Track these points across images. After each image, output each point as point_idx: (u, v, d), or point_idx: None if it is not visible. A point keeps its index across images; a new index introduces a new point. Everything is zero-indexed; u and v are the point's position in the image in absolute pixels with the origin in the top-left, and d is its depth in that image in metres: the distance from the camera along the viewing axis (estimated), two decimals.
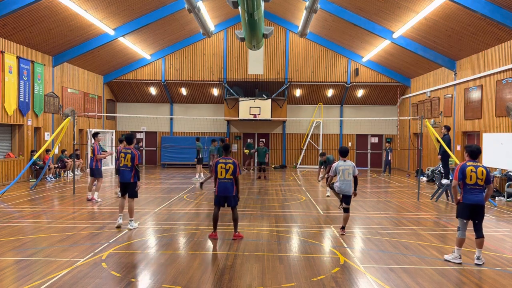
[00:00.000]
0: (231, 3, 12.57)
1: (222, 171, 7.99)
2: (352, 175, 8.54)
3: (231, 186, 8.02)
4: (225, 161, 8.06)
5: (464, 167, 6.85)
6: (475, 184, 6.75)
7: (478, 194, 6.78)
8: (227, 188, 8.00)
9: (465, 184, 6.81)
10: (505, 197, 13.52)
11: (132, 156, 8.74)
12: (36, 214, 10.37)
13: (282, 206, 12.12)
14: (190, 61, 25.51)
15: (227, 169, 7.98)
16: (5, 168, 16.15)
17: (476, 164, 6.89)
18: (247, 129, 26.68)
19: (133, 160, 8.73)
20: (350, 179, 8.52)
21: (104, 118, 24.89)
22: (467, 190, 6.80)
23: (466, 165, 6.88)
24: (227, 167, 7.99)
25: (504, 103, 14.40)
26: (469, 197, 6.77)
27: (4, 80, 15.67)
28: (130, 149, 8.86)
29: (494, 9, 12.88)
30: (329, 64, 25.37)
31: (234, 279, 5.90)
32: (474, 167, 6.82)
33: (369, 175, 22.15)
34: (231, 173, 7.99)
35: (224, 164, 8.02)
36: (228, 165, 8.01)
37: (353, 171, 8.56)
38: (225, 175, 7.98)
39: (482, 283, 5.90)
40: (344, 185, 8.53)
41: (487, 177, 6.79)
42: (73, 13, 15.89)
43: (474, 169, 6.79)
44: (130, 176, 8.77)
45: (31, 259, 6.72)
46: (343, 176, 8.53)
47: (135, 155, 8.76)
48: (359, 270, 6.36)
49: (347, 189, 8.53)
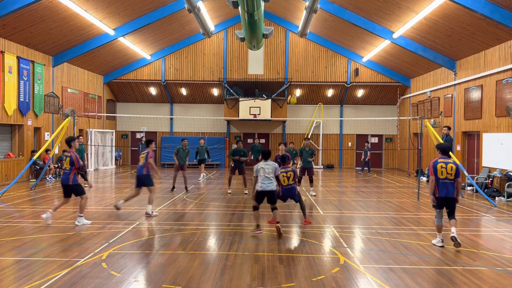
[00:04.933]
0: (231, 3, 12.56)
1: (284, 179, 8.96)
2: (273, 174, 8.53)
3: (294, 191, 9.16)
4: (285, 170, 9.01)
5: (435, 164, 7.63)
6: (445, 178, 7.53)
7: (449, 187, 7.53)
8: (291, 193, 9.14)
9: (437, 178, 7.58)
10: (505, 197, 13.53)
11: (71, 160, 9.04)
12: (36, 214, 10.37)
13: (282, 206, 12.12)
14: (190, 61, 25.52)
15: (288, 176, 8.97)
16: (5, 168, 16.16)
17: (446, 160, 7.64)
18: (247, 129, 26.68)
19: (72, 163, 9.01)
20: (271, 178, 8.49)
21: (104, 118, 24.89)
22: (439, 184, 7.58)
23: (437, 161, 7.66)
24: (288, 175, 8.98)
25: (504, 103, 14.40)
26: (441, 190, 7.56)
27: (4, 80, 15.67)
28: (70, 153, 9.13)
29: (494, 9, 12.88)
30: (329, 64, 25.38)
31: (234, 279, 5.90)
32: (445, 163, 7.59)
33: (369, 175, 22.14)
34: (292, 179, 9.04)
35: (285, 172, 8.98)
36: (289, 173, 9.00)
37: (274, 171, 8.55)
38: (288, 181, 9.00)
39: (482, 283, 5.90)
40: (265, 184, 8.47)
41: (456, 171, 7.53)
42: (73, 13, 15.89)
43: (444, 165, 7.56)
44: (69, 178, 9.04)
45: (31, 259, 6.72)
46: (264, 174, 8.51)
47: (74, 159, 9.02)
48: (359, 270, 6.36)
49: (269, 187, 8.47)
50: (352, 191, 15.75)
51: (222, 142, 25.63)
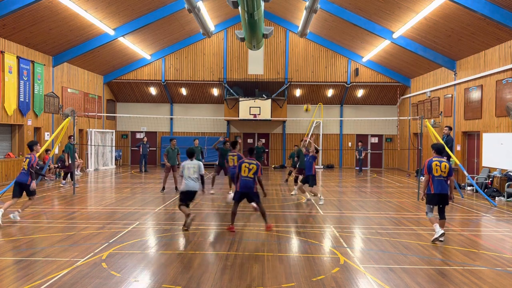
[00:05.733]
0: (231, 3, 12.56)
1: (245, 169, 8.69)
2: (197, 175, 8.97)
3: (252, 184, 8.72)
4: (249, 161, 8.78)
5: (430, 162, 8.10)
6: (440, 176, 7.97)
7: (443, 184, 7.97)
8: (248, 186, 8.69)
9: (432, 176, 8.02)
10: (505, 197, 13.52)
11: (29, 161, 9.71)
12: (36, 214, 10.38)
13: (282, 206, 12.12)
14: (190, 61, 25.51)
15: (250, 168, 8.70)
16: (5, 168, 16.15)
17: (440, 159, 8.10)
18: (247, 129, 26.68)
19: (29, 165, 9.67)
20: (194, 177, 8.94)
21: (104, 118, 24.89)
22: (434, 181, 8.00)
23: (432, 160, 8.12)
24: (251, 167, 8.71)
25: (504, 103, 14.40)
26: (436, 187, 7.97)
27: (4, 80, 15.67)
28: (30, 155, 9.81)
29: (494, 9, 12.87)
30: (329, 64, 25.37)
31: (234, 279, 5.90)
32: (439, 162, 8.04)
33: (369, 175, 22.15)
34: (253, 173, 8.70)
35: (248, 164, 8.74)
36: (251, 165, 8.73)
37: (198, 170, 9.01)
38: (248, 173, 8.68)
39: (482, 283, 5.89)
40: (188, 182, 8.89)
41: (449, 170, 7.99)
42: (73, 13, 15.89)
43: (439, 164, 8.01)
44: (27, 179, 9.70)
45: (31, 259, 6.72)
46: (187, 173, 8.94)
47: (32, 161, 9.72)
48: (359, 270, 6.36)
49: (191, 185, 8.89)
50: (352, 191, 15.75)
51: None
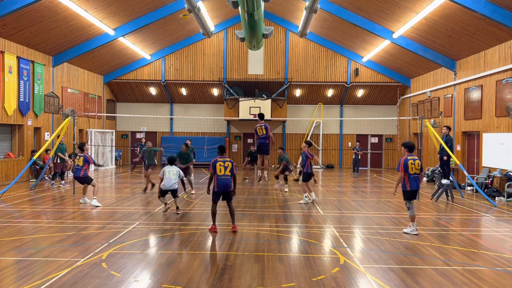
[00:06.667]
0: (231, 3, 12.56)
1: (221, 168, 8.56)
2: (176, 177, 10.52)
3: (230, 182, 8.62)
4: (223, 159, 8.67)
5: (406, 161, 8.56)
6: (414, 173, 8.54)
7: (417, 181, 8.62)
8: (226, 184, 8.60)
9: (409, 174, 8.52)
10: (505, 197, 13.52)
11: (84, 159, 11.68)
12: (36, 214, 10.37)
13: (282, 206, 12.12)
14: (190, 61, 25.52)
15: (225, 166, 8.58)
16: (5, 168, 16.15)
17: (413, 157, 8.63)
18: (247, 129, 26.66)
19: (84, 162, 11.65)
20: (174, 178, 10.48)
21: (104, 118, 24.89)
22: (410, 178, 8.53)
23: (407, 159, 8.59)
24: (226, 164, 8.59)
25: (504, 103, 14.40)
26: (412, 184, 8.55)
27: (4, 80, 15.67)
28: (82, 154, 11.76)
29: (494, 9, 12.88)
30: (329, 64, 25.37)
31: (234, 279, 5.91)
32: (413, 160, 8.58)
33: (369, 175, 22.15)
34: (229, 170, 8.62)
35: (223, 162, 8.60)
36: (226, 163, 8.61)
37: (177, 174, 10.57)
38: (224, 172, 8.57)
39: (482, 283, 5.89)
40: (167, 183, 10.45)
41: (421, 167, 8.64)
42: (73, 13, 15.89)
43: (413, 162, 8.56)
44: (79, 173, 11.65)
45: (31, 259, 6.72)
46: (168, 175, 10.47)
47: (88, 159, 11.76)
48: (359, 270, 6.36)
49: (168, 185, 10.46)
50: (352, 191, 15.75)
51: (222, 142, 25.61)
